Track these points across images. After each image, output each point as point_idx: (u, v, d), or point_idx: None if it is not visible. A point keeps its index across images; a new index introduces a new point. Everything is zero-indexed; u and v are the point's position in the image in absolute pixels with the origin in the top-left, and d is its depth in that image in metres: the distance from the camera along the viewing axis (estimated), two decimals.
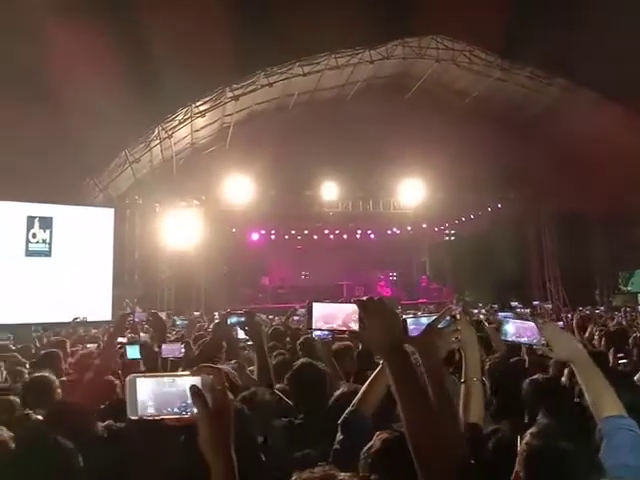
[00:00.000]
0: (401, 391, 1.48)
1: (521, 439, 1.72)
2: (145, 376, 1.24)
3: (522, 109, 18.20)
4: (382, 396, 2.13)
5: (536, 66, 16.54)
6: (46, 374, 3.19)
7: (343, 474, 1.21)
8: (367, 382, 2.21)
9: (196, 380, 1.21)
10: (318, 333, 4.21)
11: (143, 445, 1.81)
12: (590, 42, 12.92)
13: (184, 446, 1.47)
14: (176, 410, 1.21)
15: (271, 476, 2.00)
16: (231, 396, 1.32)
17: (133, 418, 1.21)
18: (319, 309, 1.62)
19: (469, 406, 2.08)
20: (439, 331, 1.85)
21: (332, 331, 1.66)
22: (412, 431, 1.45)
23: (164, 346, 3.41)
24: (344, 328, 1.60)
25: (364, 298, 1.58)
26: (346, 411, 2.13)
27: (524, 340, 2.57)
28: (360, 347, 3.66)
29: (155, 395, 1.21)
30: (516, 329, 2.61)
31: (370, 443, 1.81)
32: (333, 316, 1.61)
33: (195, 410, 1.20)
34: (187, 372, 1.25)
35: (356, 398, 2.18)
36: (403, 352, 1.53)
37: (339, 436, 2.12)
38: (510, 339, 2.60)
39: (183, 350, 3.52)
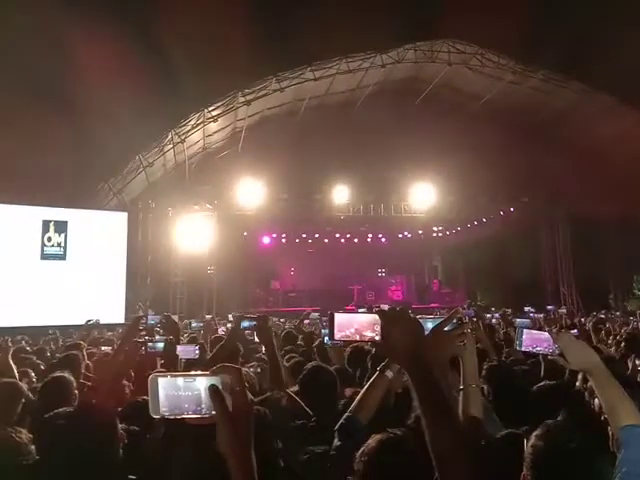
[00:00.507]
0: (423, 402, 1.46)
1: (527, 442, 1.72)
2: (166, 375, 1.24)
3: (535, 112, 18.07)
4: (379, 403, 2.15)
5: (549, 69, 16.41)
6: (65, 374, 3.23)
7: None
8: (364, 389, 2.22)
9: (215, 380, 1.20)
10: (327, 339, 4.24)
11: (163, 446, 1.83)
12: (604, 45, 12.82)
13: (204, 446, 1.48)
14: (196, 409, 1.21)
15: None
16: (251, 397, 1.32)
17: (155, 417, 1.22)
18: (341, 319, 1.60)
19: (468, 413, 2.09)
20: (445, 334, 1.85)
21: (354, 341, 1.65)
22: (435, 443, 1.44)
23: (179, 347, 3.44)
24: (366, 339, 1.60)
25: (386, 308, 1.57)
26: (343, 417, 2.14)
27: (540, 350, 2.56)
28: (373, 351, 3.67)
29: (176, 394, 1.21)
30: (531, 339, 2.61)
31: (366, 443, 1.82)
32: (355, 326, 1.59)
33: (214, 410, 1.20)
34: (207, 372, 1.24)
35: (353, 405, 2.19)
36: (426, 363, 1.50)
37: (336, 442, 2.12)
38: (526, 349, 2.59)
39: (198, 352, 3.56)
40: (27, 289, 14.15)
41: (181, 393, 1.21)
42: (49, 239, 14.76)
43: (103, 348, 5.52)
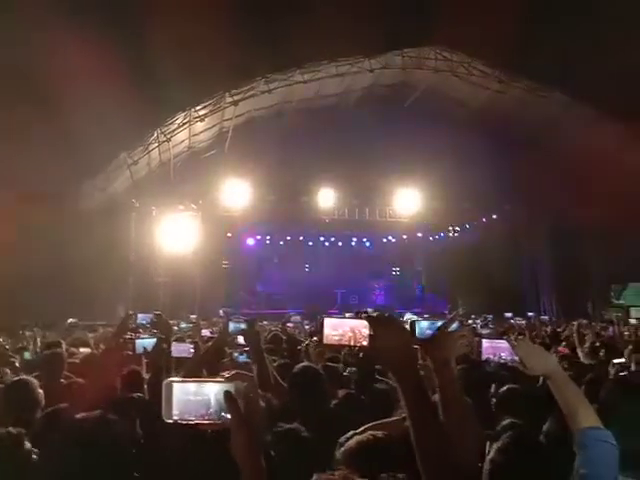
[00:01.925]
0: (410, 408, 1.50)
1: (488, 449, 1.77)
2: (181, 381, 1.28)
3: (519, 122, 18.34)
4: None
5: (533, 79, 16.69)
6: (28, 378, 3.16)
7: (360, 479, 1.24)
8: (380, 423, 2.19)
9: (230, 387, 1.24)
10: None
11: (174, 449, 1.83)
12: (588, 57, 13.07)
13: (215, 451, 1.50)
14: (209, 415, 1.24)
15: None
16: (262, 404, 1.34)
17: (168, 421, 1.25)
18: (330, 324, 1.62)
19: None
20: (449, 334, 1.88)
21: (343, 346, 1.68)
22: (420, 446, 1.48)
23: (174, 346, 3.44)
24: (355, 343, 1.62)
25: (375, 314, 1.60)
26: (347, 435, 2.13)
27: (502, 358, 2.61)
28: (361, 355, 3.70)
29: (188, 400, 1.24)
30: (492, 348, 2.66)
31: (347, 443, 1.84)
32: (344, 331, 1.61)
33: (228, 416, 1.23)
34: (221, 379, 1.29)
35: (363, 427, 2.15)
36: (414, 369, 1.55)
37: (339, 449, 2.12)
38: (488, 358, 2.64)
39: (192, 350, 3.56)
40: None
41: (193, 399, 1.24)
42: None
43: (82, 349, 5.44)
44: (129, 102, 12.62)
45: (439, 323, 1.97)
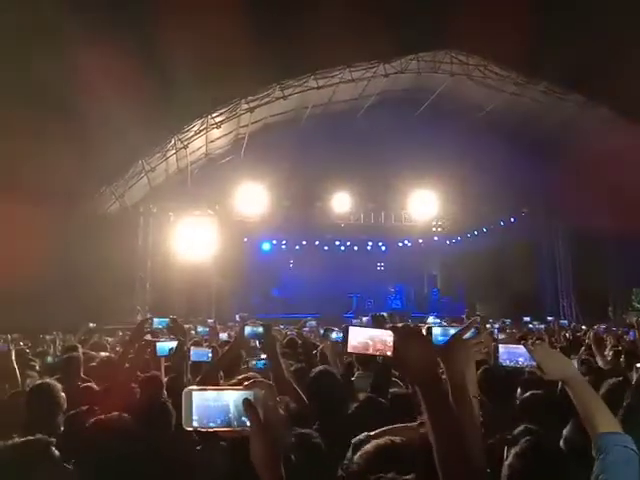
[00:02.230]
0: (433, 418, 1.50)
1: (508, 452, 1.75)
2: (200, 389, 1.28)
3: (536, 124, 18.17)
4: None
5: (551, 81, 16.53)
6: (49, 381, 3.20)
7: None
8: (395, 427, 2.19)
9: (249, 394, 1.24)
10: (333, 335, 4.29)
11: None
12: (606, 59, 12.91)
13: (234, 458, 1.52)
14: (228, 422, 1.25)
15: None
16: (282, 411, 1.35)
17: (188, 429, 1.25)
18: (355, 333, 1.63)
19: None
20: (465, 341, 1.87)
21: (367, 355, 1.70)
22: (442, 458, 1.48)
23: (193, 350, 3.48)
24: (378, 354, 1.64)
25: (400, 325, 1.60)
26: (360, 436, 2.14)
27: (519, 363, 2.60)
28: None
29: (208, 407, 1.25)
30: (508, 353, 2.65)
31: (363, 446, 1.84)
32: (368, 340, 1.62)
33: (248, 423, 1.23)
34: (240, 386, 1.29)
35: (375, 432, 2.17)
36: (437, 381, 1.55)
37: (349, 454, 2.13)
38: (505, 364, 2.63)
39: (210, 355, 3.59)
40: None
41: (212, 405, 1.25)
42: None
43: (102, 353, 5.53)
44: (147, 109, 12.83)
45: (452, 330, 1.96)
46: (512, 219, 20.71)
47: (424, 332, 2.00)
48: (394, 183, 18.20)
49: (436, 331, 2.04)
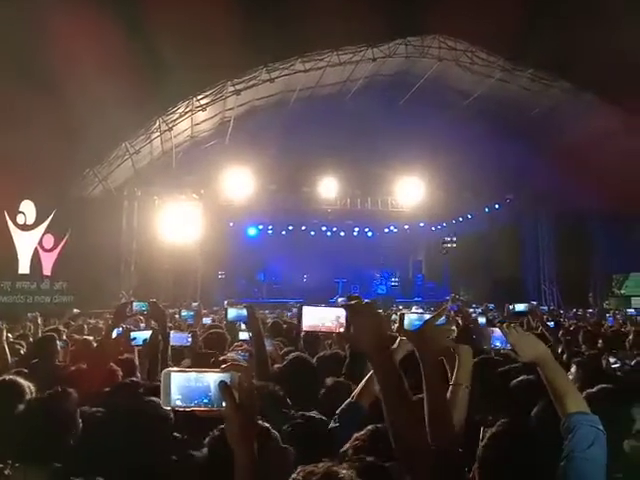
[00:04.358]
0: (384, 387, 1.60)
1: (484, 434, 1.81)
2: (179, 370, 1.35)
3: (523, 111, 18.23)
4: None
5: (538, 68, 16.57)
6: (13, 378, 3.11)
7: (345, 471, 1.27)
8: (365, 379, 2.29)
9: (225, 376, 1.30)
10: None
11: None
12: (592, 44, 12.96)
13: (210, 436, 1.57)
14: (205, 403, 1.30)
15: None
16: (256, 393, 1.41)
17: (166, 408, 1.33)
18: (309, 312, 1.71)
19: (455, 408, 2.14)
20: (435, 328, 1.93)
21: (321, 332, 1.78)
22: (393, 424, 1.58)
23: (173, 334, 3.49)
24: (332, 330, 1.70)
25: (351, 302, 1.66)
26: (345, 402, 2.20)
27: (495, 346, 2.66)
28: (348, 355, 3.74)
29: (187, 388, 1.30)
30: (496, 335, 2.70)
31: (362, 431, 1.91)
32: (322, 318, 1.70)
33: (223, 404, 1.29)
34: (217, 369, 1.34)
35: (355, 391, 2.28)
36: (387, 352, 1.64)
37: (332, 424, 2.19)
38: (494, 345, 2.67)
39: (190, 339, 3.61)
40: None
41: (192, 387, 1.30)
42: None
43: (88, 337, 5.51)
44: (130, 91, 12.59)
45: (427, 316, 2.02)
46: (497, 206, 20.91)
47: (397, 319, 2.08)
48: (380, 169, 18.20)
49: (412, 317, 2.09)
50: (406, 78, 18.83)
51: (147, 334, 3.26)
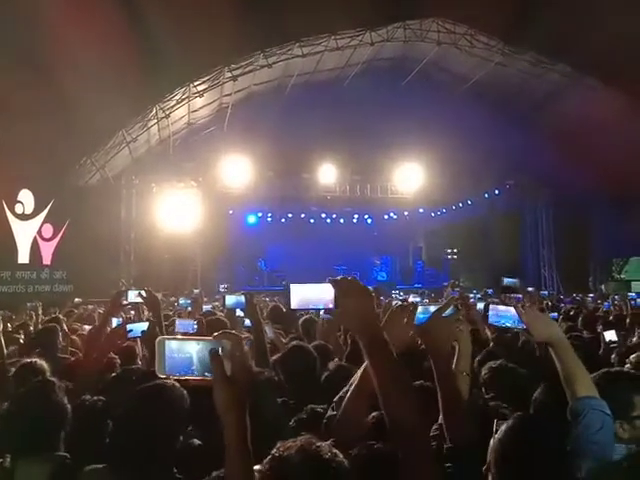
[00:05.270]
0: (374, 365, 1.55)
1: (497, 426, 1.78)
2: (172, 338, 1.34)
3: (523, 95, 18.10)
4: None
5: (537, 51, 16.39)
6: (36, 360, 3.17)
7: (322, 443, 1.26)
8: (364, 365, 2.26)
9: (216, 345, 1.28)
10: (321, 314, 4.30)
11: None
12: (593, 27, 12.80)
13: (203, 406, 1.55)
14: (197, 371, 1.29)
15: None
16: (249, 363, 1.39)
17: (161, 376, 1.31)
18: (297, 290, 1.69)
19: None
20: (444, 321, 1.91)
21: (310, 309, 1.77)
22: (386, 402, 1.53)
23: (178, 322, 3.49)
24: (321, 307, 1.68)
25: (338, 278, 1.63)
26: (343, 390, 2.17)
27: (505, 324, 2.65)
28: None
29: (180, 357, 1.29)
30: (497, 315, 2.69)
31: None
32: (311, 296, 1.68)
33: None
34: (210, 337, 1.31)
35: (353, 377, 2.23)
36: (376, 328, 1.59)
37: (330, 412, 2.17)
38: (492, 323, 2.66)
39: (196, 326, 3.61)
40: None
41: (185, 356, 1.29)
42: None
43: (86, 327, 5.52)
44: (127, 78, 12.47)
45: (432, 308, 1.99)
46: (497, 191, 20.85)
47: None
48: (380, 155, 18.09)
49: (417, 310, 2.06)
50: (405, 63, 18.66)
51: (144, 326, 3.24)
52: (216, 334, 1.31)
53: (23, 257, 14.40)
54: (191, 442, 2.11)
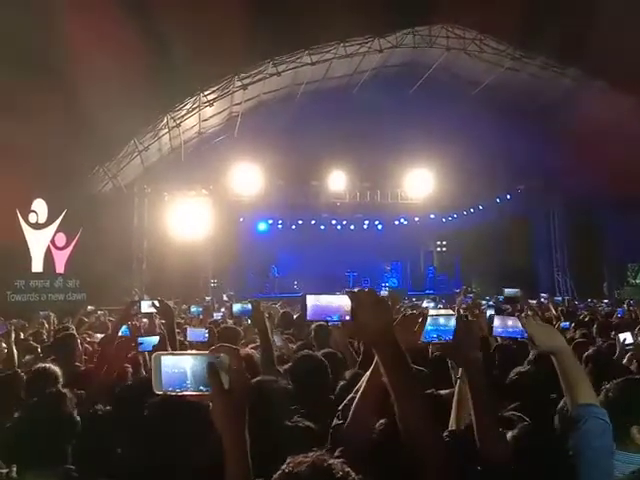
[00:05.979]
0: (392, 379, 1.54)
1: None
2: (168, 354, 1.34)
3: (533, 99, 17.98)
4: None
5: (548, 56, 16.30)
6: (49, 366, 3.20)
7: (334, 460, 1.24)
8: (369, 372, 2.25)
9: (213, 359, 1.27)
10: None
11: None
12: (604, 31, 12.71)
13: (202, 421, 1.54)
14: (194, 387, 1.28)
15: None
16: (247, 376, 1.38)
17: (158, 393, 1.29)
18: (313, 301, 1.66)
19: (463, 405, 2.12)
20: (468, 325, 1.93)
21: (325, 321, 1.73)
22: (402, 415, 1.52)
23: (189, 330, 3.50)
24: (337, 317, 1.65)
25: (355, 289, 1.62)
26: (348, 397, 2.16)
27: (510, 334, 2.64)
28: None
29: (176, 372, 1.28)
30: (502, 325, 2.67)
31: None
32: (327, 307, 1.65)
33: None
34: (206, 352, 1.31)
35: (358, 385, 2.22)
36: (393, 341, 1.57)
37: (336, 421, 2.15)
38: (497, 334, 2.65)
39: (207, 335, 3.60)
40: None
41: (179, 371, 1.28)
42: None
43: (98, 335, 5.54)
44: (138, 88, 12.62)
45: (442, 320, 1.98)
46: (508, 196, 20.69)
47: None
48: (389, 161, 18.08)
49: (428, 328, 2.03)
50: (414, 69, 18.66)
51: (155, 340, 3.25)
52: (212, 348, 1.31)
53: (37, 266, 14.56)
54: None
